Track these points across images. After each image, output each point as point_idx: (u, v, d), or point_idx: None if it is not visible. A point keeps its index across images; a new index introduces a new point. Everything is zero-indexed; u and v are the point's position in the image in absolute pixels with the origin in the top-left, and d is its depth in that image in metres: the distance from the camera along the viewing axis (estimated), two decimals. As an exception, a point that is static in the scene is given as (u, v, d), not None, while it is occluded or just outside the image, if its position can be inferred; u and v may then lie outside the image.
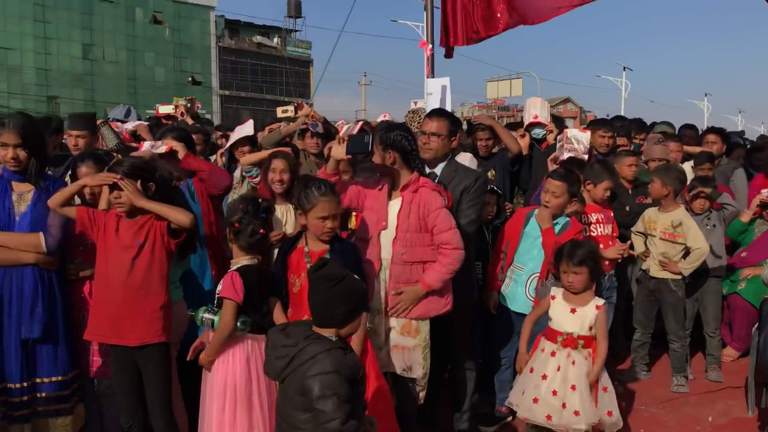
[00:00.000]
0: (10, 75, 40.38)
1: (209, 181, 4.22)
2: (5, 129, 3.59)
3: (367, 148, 3.64)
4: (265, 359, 2.75)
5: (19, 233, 3.61)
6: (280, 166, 4.38)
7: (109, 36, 44.24)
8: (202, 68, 48.57)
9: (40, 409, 3.65)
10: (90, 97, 42.51)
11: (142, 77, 45.48)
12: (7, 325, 3.58)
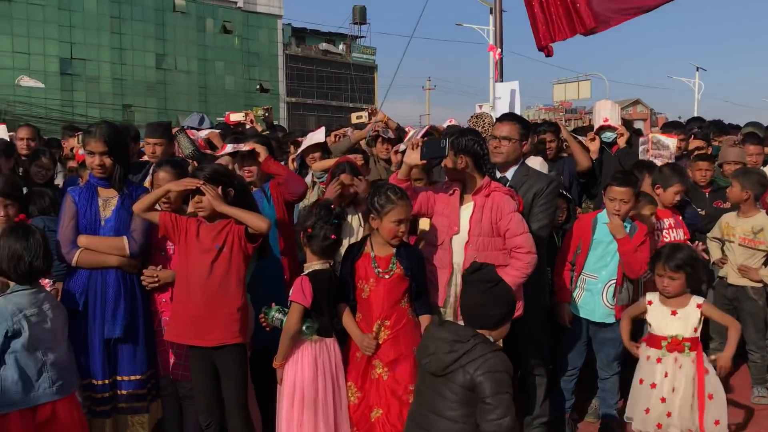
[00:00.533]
0: (88, 85, 42.06)
1: (285, 187, 4.30)
2: (92, 137, 3.74)
3: (444, 153, 3.62)
4: (428, 352, 2.81)
5: (104, 237, 3.77)
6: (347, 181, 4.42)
7: (181, 46, 45.61)
8: (270, 76, 49.49)
9: (120, 405, 3.79)
10: (163, 105, 43.88)
11: (212, 85, 46.68)
12: (91, 325, 3.72)
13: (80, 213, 3.78)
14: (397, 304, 3.54)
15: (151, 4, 43.99)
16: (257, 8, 48.41)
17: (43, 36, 40.35)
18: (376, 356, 3.53)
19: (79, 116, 38.25)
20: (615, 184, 4.33)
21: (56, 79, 40.95)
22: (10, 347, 3.09)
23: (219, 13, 47.11)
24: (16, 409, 3.05)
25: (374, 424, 3.46)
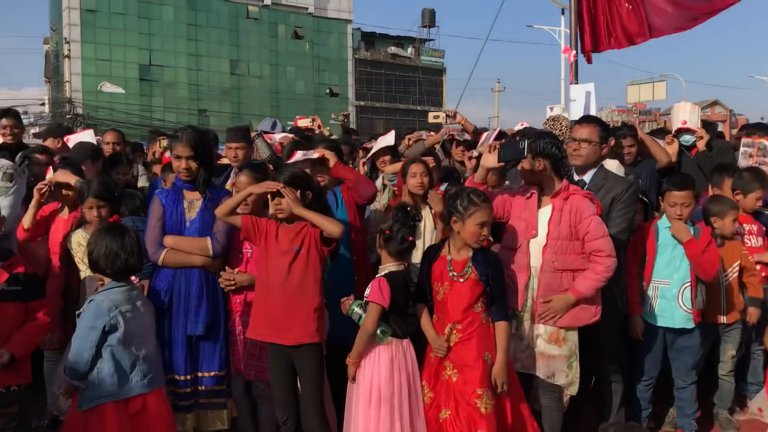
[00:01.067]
0: (165, 90, 43.53)
1: (355, 190, 4.37)
2: (179, 142, 3.89)
3: (523, 155, 3.60)
4: None
5: (189, 237, 3.92)
6: (419, 170, 4.48)
7: (254, 52, 46.65)
8: (339, 80, 50.06)
9: (201, 401, 3.91)
10: (237, 110, 44.97)
11: (283, 90, 47.54)
12: (175, 322, 3.86)
13: (167, 214, 3.94)
14: (470, 308, 3.54)
15: (225, 12, 45.19)
16: (327, 13, 49.07)
17: (123, 44, 41.99)
18: (447, 358, 3.55)
19: (157, 121, 39.64)
20: (674, 189, 4.31)
21: (136, 85, 42.53)
22: (106, 341, 3.23)
23: (290, 19, 47.95)
24: (111, 401, 3.19)
25: (442, 425, 3.48)
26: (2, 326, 3.28)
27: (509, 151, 3.65)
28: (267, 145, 6.26)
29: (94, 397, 3.17)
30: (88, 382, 3.17)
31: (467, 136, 5.86)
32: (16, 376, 3.31)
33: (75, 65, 40.79)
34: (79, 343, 3.18)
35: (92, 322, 3.20)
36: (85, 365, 3.16)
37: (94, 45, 41.09)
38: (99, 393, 3.18)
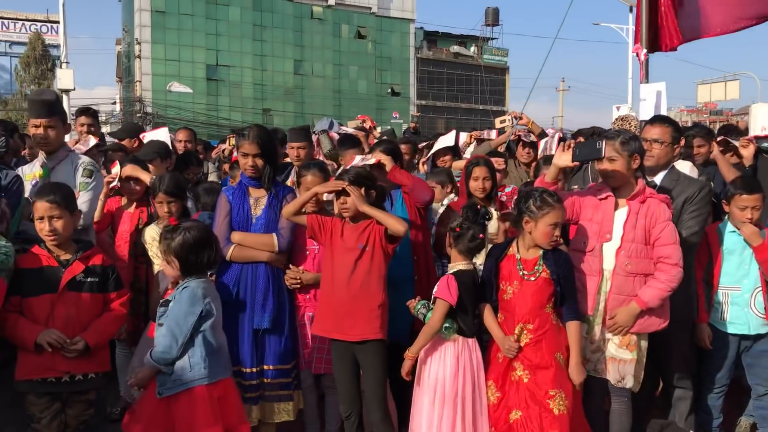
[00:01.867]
0: (231, 90, 44.45)
1: (412, 195, 4.38)
2: (246, 140, 3.97)
3: (600, 154, 3.54)
4: None
5: (255, 234, 4.00)
6: (482, 174, 4.45)
7: (317, 52, 47.18)
8: (401, 79, 50.14)
9: (267, 393, 3.98)
10: (300, 109, 45.57)
11: (346, 90, 47.93)
12: (241, 315, 3.94)
13: (234, 211, 4.03)
14: (541, 308, 3.51)
15: (290, 12, 45.83)
16: (390, 13, 49.20)
17: (192, 44, 43.07)
18: (517, 358, 3.52)
19: (223, 120, 40.54)
20: (744, 192, 4.18)
21: (203, 85, 43.58)
22: (200, 327, 3.34)
23: (354, 18, 48.30)
24: (202, 384, 3.29)
25: (513, 426, 3.45)
26: (79, 315, 3.39)
27: (586, 150, 3.58)
28: (330, 141, 6.36)
29: (181, 382, 3.26)
30: (174, 368, 3.27)
31: (533, 138, 5.79)
32: (94, 364, 3.42)
33: (145, 65, 42.06)
34: (174, 329, 3.27)
35: (189, 308, 3.30)
36: (178, 350, 3.25)
37: (164, 45, 42.28)
38: (189, 377, 3.27)
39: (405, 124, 39.93)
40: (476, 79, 52.12)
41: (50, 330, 3.29)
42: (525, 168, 5.72)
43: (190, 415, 3.26)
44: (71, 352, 3.30)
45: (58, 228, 3.38)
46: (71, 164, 4.12)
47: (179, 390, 3.26)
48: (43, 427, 3.32)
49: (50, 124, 4.08)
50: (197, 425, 3.24)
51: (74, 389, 3.38)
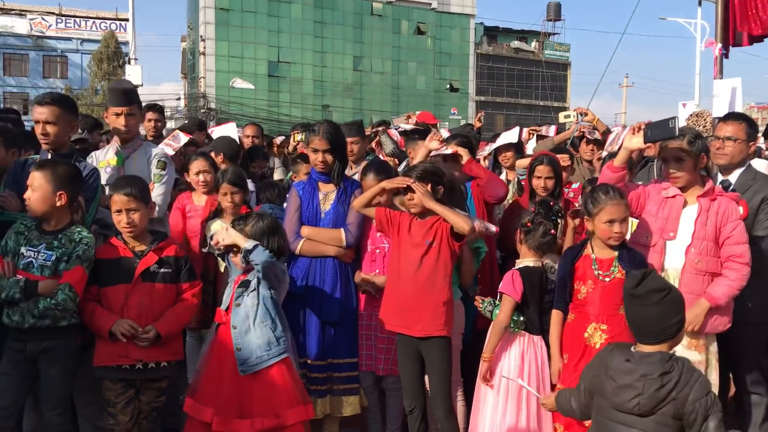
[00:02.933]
0: (292, 86, 45.01)
1: (486, 189, 4.34)
2: (316, 136, 4.01)
3: (674, 133, 3.41)
4: (635, 393, 2.42)
5: (323, 228, 4.05)
6: (544, 172, 4.40)
7: (377, 48, 47.31)
8: (460, 75, 49.84)
9: (335, 387, 4.02)
10: (358, 105, 45.81)
11: (404, 86, 47.92)
12: (309, 308, 4.00)
13: (303, 205, 4.09)
14: (615, 308, 3.43)
15: (350, 9, 46.08)
16: (450, 9, 48.94)
17: (254, 41, 43.79)
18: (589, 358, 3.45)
19: (284, 116, 41.08)
20: None
21: (264, 81, 44.25)
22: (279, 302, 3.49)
23: (414, 14, 48.23)
24: (281, 359, 3.39)
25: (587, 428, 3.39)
26: (152, 305, 3.49)
27: (658, 130, 3.46)
28: (391, 140, 6.37)
29: (266, 358, 3.35)
30: (259, 343, 3.36)
31: (598, 135, 5.68)
32: (166, 353, 3.51)
33: (209, 62, 42.96)
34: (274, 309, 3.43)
35: (283, 273, 3.48)
36: (269, 267, 3.36)
37: (227, 42, 43.10)
38: (275, 352, 3.37)
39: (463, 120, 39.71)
40: (537, 74, 51.37)
41: (124, 320, 3.40)
42: (588, 165, 5.62)
43: (271, 391, 3.34)
44: (143, 341, 3.41)
45: (135, 220, 3.49)
46: (145, 154, 4.20)
47: (263, 366, 3.34)
48: (118, 411, 3.43)
49: (130, 112, 4.16)
50: (278, 402, 3.33)
51: (147, 377, 3.49)
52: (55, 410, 3.42)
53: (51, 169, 3.43)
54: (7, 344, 3.41)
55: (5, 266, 3.33)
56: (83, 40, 46.68)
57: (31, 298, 3.28)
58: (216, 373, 3.40)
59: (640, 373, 2.42)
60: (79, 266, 3.36)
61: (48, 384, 3.40)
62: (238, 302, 3.41)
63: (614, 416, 2.47)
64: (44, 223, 3.46)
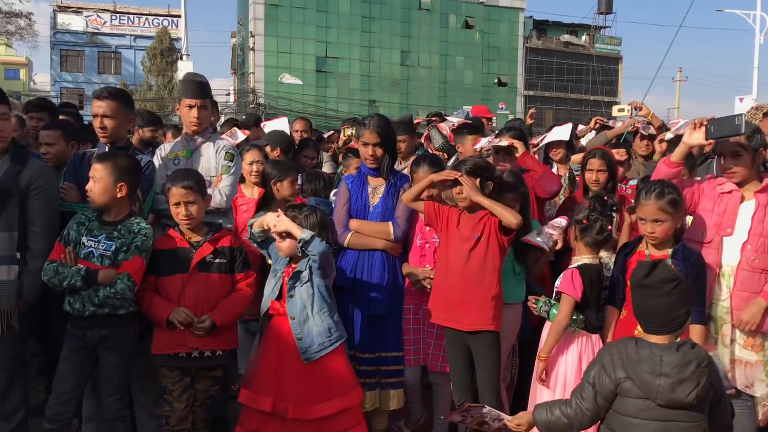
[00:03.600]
0: (339, 81, 45.18)
1: (539, 183, 4.30)
2: (366, 129, 4.03)
3: (740, 130, 3.29)
4: (685, 386, 2.39)
5: (372, 222, 4.08)
6: (596, 165, 4.34)
7: (424, 43, 47.12)
8: (508, 69, 49.31)
9: (384, 381, 4.04)
10: (405, 100, 45.72)
11: (451, 80, 47.64)
12: (357, 301, 4.03)
13: (352, 199, 4.12)
14: None
15: (398, 3, 45.96)
16: (499, 2, 48.41)
17: (302, 37, 44.07)
18: None
19: (331, 111, 41.31)
20: None
21: (312, 77, 44.51)
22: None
23: (462, 8, 47.86)
24: (339, 344, 3.47)
25: None
26: (208, 295, 3.57)
27: (723, 127, 3.34)
28: (440, 135, 6.35)
29: (328, 344, 3.42)
30: (319, 330, 3.43)
31: (653, 130, 5.57)
32: (221, 342, 3.59)
33: (258, 57, 43.41)
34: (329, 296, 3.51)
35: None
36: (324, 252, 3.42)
37: (276, 38, 43.48)
38: (336, 338, 3.45)
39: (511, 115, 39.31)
40: (587, 69, 50.46)
41: (180, 308, 3.48)
42: (643, 161, 5.51)
43: (332, 376, 3.42)
44: (199, 330, 3.49)
45: (193, 212, 3.57)
46: (213, 146, 4.24)
47: (326, 353, 3.41)
48: (174, 399, 3.52)
49: (203, 105, 4.21)
50: (339, 385, 3.42)
51: (203, 365, 3.57)
52: (113, 396, 3.53)
53: (112, 162, 3.53)
54: (69, 331, 3.54)
55: (67, 255, 3.44)
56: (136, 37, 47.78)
57: (92, 287, 3.38)
58: (275, 363, 3.46)
59: (695, 363, 2.39)
60: (137, 256, 3.46)
61: (107, 371, 3.51)
62: (292, 293, 3.46)
63: (662, 414, 2.42)
64: (104, 214, 3.56)
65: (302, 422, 3.35)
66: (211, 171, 4.13)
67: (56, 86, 46.93)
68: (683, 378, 2.38)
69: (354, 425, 3.45)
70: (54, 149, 4.47)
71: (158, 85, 43.75)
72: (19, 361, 3.72)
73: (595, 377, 2.53)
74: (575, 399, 2.60)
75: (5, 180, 3.52)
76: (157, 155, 4.32)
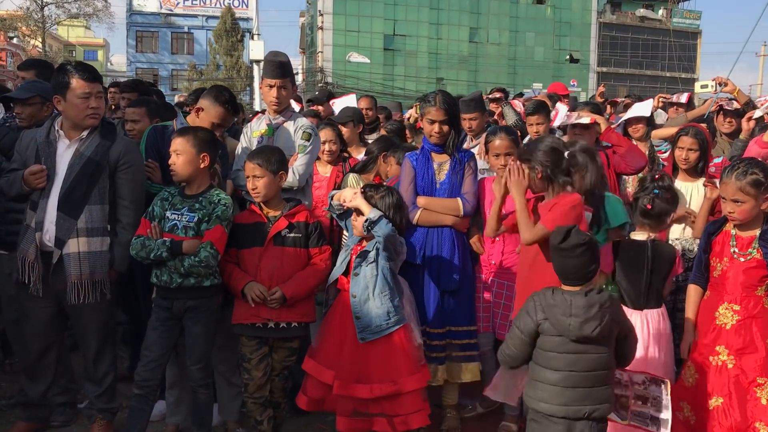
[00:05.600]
0: (407, 59, 45.08)
1: (624, 159, 4.25)
2: (432, 106, 4.01)
3: None
4: (590, 324, 2.81)
5: (440, 198, 4.09)
6: (687, 144, 4.26)
7: (493, 19, 46.42)
8: (581, 45, 48.12)
9: (455, 354, 4.08)
10: (473, 78, 45.24)
11: (521, 57, 46.85)
12: (428, 277, 4.06)
13: (418, 176, 4.12)
14: (751, 289, 3.30)
15: (467, -21, 45.39)
16: (572, -24, 47.21)
17: (370, 15, 44.08)
18: (720, 341, 3.33)
19: (398, 89, 41.26)
20: None
21: (380, 55, 44.56)
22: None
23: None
24: (399, 327, 3.54)
25: (713, 413, 3.29)
26: (283, 268, 3.66)
27: None
28: (514, 112, 6.31)
29: (385, 327, 3.50)
30: (378, 312, 3.51)
31: (737, 105, 5.37)
32: (296, 314, 3.69)
33: (327, 36, 43.72)
34: (393, 279, 3.59)
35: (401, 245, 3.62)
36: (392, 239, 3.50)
37: (344, 17, 43.65)
38: (393, 321, 3.52)
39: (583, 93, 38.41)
40: (664, 44, 48.69)
41: (254, 283, 3.62)
42: (728, 139, 5.33)
43: (390, 358, 3.49)
44: (271, 303, 3.61)
45: (259, 186, 3.69)
46: (294, 125, 4.30)
47: (383, 335, 3.50)
48: (252, 367, 3.66)
49: (283, 84, 4.25)
50: (397, 369, 3.48)
51: (279, 335, 3.69)
52: (197, 365, 3.69)
53: (192, 134, 3.68)
54: (156, 302, 3.72)
55: (153, 229, 3.61)
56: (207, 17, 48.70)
57: (177, 257, 3.53)
58: (337, 337, 3.56)
59: (598, 305, 2.82)
60: (218, 225, 3.59)
61: (191, 340, 3.68)
62: (357, 272, 3.54)
63: (573, 348, 2.86)
64: (187, 188, 3.72)
65: (362, 400, 3.44)
66: (291, 150, 4.22)
67: (131, 66, 48.44)
68: (588, 317, 2.80)
69: (412, 411, 3.49)
70: (139, 126, 4.66)
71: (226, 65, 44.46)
72: (109, 328, 3.93)
73: (522, 321, 2.97)
74: (509, 340, 3.03)
75: (97, 156, 3.71)
76: (244, 133, 4.44)
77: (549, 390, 2.88)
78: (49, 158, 3.71)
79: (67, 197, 3.67)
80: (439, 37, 45.61)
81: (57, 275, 3.69)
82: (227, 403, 4.11)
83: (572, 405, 2.84)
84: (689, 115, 5.73)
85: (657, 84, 47.21)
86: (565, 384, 2.85)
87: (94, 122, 3.75)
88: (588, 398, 2.85)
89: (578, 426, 2.85)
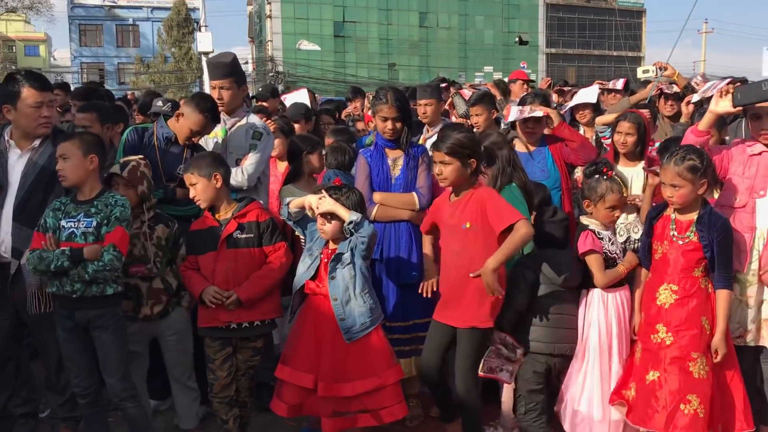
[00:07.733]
0: (357, 46, 44.91)
1: (576, 153, 4.37)
2: (384, 104, 4.05)
3: (766, 96, 3.32)
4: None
5: (396, 193, 4.14)
6: (624, 128, 4.38)
7: (443, 3, 46.49)
8: (529, 27, 48.59)
9: (420, 347, 4.04)
10: (425, 63, 45.37)
11: (471, 41, 47.10)
12: (387, 273, 4.13)
13: (373, 172, 4.15)
14: (688, 271, 3.43)
15: (418, -36, 45.29)
16: (518, -43, 47.55)
17: (319, 2, 43.74)
18: (659, 319, 3.47)
19: (350, 76, 41.12)
20: None
21: (330, 42, 44.29)
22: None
23: (480, -35, 47.10)
24: (378, 324, 3.64)
25: (649, 386, 3.43)
26: (238, 270, 3.69)
27: (748, 94, 3.38)
28: (464, 101, 6.41)
29: (368, 324, 3.57)
30: (360, 311, 3.58)
31: (676, 89, 5.56)
32: (257, 313, 3.73)
33: (276, 25, 43.25)
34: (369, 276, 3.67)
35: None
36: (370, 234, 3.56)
37: (293, 4, 43.21)
38: (375, 318, 3.62)
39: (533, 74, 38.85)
40: (610, 24, 49.47)
41: (209, 288, 3.65)
42: (669, 121, 5.52)
43: (371, 354, 3.57)
44: (228, 306, 3.65)
45: (197, 193, 3.72)
46: (245, 125, 4.32)
47: (368, 332, 3.57)
48: (217, 367, 3.70)
49: (223, 85, 4.27)
50: (378, 364, 3.57)
51: (241, 335, 3.74)
52: (114, 377, 3.52)
53: (78, 137, 3.58)
54: (58, 313, 3.55)
55: (48, 240, 3.43)
56: (153, 8, 47.72)
57: (79, 264, 3.36)
58: (312, 341, 3.59)
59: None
60: (119, 227, 3.45)
61: (104, 349, 3.50)
62: (333, 275, 3.56)
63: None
64: (79, 194, 3.54)
65: (342, 399, 3.50)
66: (243, 150, 4.23)
67: (76, 61, 47.24)
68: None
69: (393, 403, 3.57)
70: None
71: (175, 57, 43.73)
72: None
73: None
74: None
75: (51, 164, 3.63)
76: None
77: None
78: (1, 168, 3.67)
79: (22, 207, 3.64)
80: (389, 23, 45.53)
81: (15, 286, 3.66)
82: (185, 410, 4.06)
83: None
84: (632, 100, 5.90)
85: (604, 63, 48.07)
86: None
87: (47, 131, 3.71)
88: None
89: None
